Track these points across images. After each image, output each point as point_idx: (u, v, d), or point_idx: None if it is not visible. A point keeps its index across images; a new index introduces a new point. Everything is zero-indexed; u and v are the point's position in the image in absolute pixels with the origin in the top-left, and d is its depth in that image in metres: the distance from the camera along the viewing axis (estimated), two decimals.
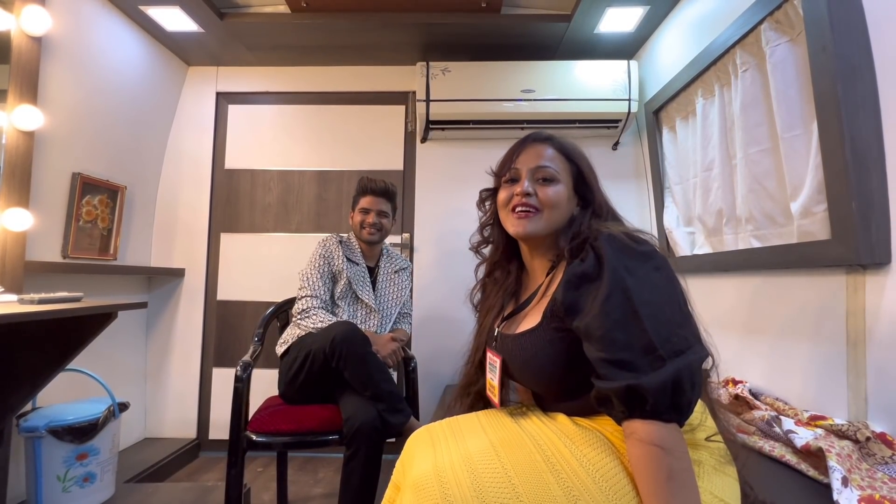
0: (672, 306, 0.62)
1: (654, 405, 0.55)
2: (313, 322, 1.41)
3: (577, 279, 0.67)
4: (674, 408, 0.56)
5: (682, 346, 0.58)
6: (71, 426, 1.33)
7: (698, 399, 0.59)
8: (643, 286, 0.61)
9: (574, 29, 1.90)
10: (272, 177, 2.25)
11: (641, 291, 0.61)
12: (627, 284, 0.61)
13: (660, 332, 0.58)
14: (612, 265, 0.64)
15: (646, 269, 0.63)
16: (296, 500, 1.70)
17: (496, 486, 0.57)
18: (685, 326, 0.61)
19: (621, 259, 0.64)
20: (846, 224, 0.98)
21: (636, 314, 0.59)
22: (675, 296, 0.63)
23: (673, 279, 0.65)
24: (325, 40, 2.04)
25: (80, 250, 1.73)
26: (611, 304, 0.61)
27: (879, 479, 0.84)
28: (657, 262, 0.65)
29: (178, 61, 2.19)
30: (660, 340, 0.58)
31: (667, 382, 0.55)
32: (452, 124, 2.07)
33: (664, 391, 0.55)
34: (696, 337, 0.62)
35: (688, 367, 0.57)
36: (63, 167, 1.65)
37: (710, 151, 1.54)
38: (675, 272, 0.66)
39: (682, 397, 0.56)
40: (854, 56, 0.98)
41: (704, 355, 0.60)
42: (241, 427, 1.27)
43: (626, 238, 0.66)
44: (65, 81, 1.61)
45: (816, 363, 1.10)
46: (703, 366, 0.61)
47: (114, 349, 1.96)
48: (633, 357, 0.58)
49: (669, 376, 0.55)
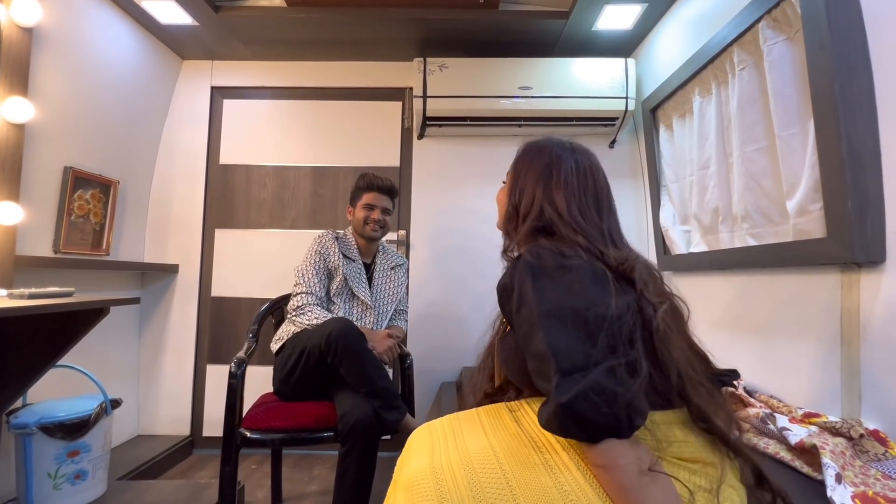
0: (577, 321, 0.58)
1: (565, 430, 0.54)
2: (308, 318, 1.40)
3: (500, 292, 0.70)
4: (583, 430, 0.53)
5: (583, 361, 0.55)
6: (62, 423, 1.31)
7: (616, 416, 0.52)
8: (547, 298, 0.60)
9: (572, 26, 1.90)
10: (267, 172, 2.23)
11: (542, 303, 0.60)
12: (531, 297, 0.61)
13: (557, 346, 0.56)
14: (520, 278, 0.64)
15: (556, 283, 0.62)
16: (290, 498, 1.70)
17: (494, 489, 0.57)
18: (591, 341, 0.57)
19: (531, 272, 0.63)
20: (842, 222, 0.98)
21: (536, 326, 0.59)
22: (586, 310, 0.58)
23: (588, 293, 0.60)
24: (321, 35, 2.03)
25: (71, 245, 1.71)
26: (520, 316, 0.62)
27: (872, 476, 0.85)
28: (572, 276, 0.62)
29: (172, 55, 2.17)
30: (557, 355, 0.56)
31: (562, 408, 0.53)
32: (449, 121, 2.06)
33: (563, 416, 0.53)
34: (611, 347, 0.57)
35: (587, 388, 0.52)
36: (54, 161, 1.62)
37: (706, 150, 1.54)
38: (608, 291, 0.61)
39: (585, 422, 0.52)
40: (851, 54, 0.98)
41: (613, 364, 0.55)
42: (235, 424, 1.26)
43: (548, 250, 0.66)
44: (56, 74, 1.59)
45: (811, 361, 1.11)
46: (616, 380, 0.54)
47: (107, 345, 1.94)
48: (542, 367, 0.58)
49: (564, 401, 0.53)
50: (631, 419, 0.53)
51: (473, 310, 2.16)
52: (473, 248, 2.17)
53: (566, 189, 0.76)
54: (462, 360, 2.11)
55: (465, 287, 2.17)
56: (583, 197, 0.76)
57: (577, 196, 0.76)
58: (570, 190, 0.76)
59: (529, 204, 0.78)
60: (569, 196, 0.76)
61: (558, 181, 0.77)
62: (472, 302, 2.15)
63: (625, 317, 0.60)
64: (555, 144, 0.82)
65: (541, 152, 0.81)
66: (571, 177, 0.77)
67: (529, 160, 0.82)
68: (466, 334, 2.13)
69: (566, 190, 0.76)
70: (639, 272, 0.67)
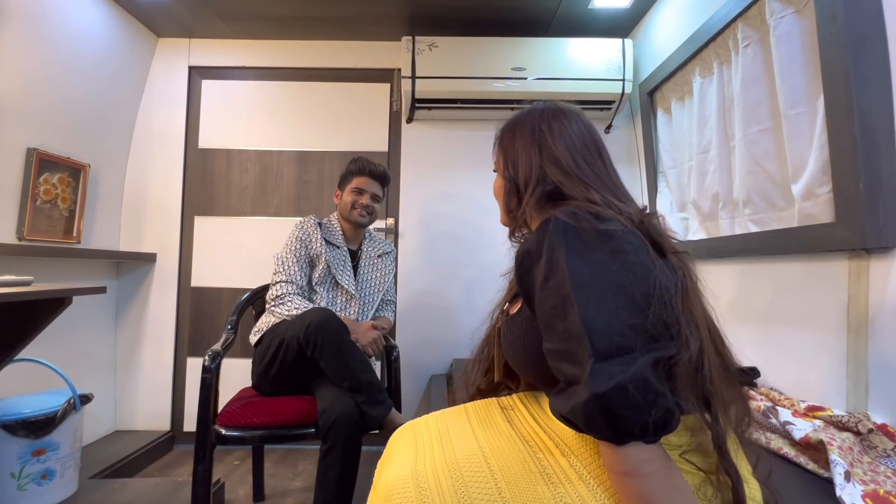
0: (620, 297, 0.49)
1: (589, 425, 0.46)
2: (288, 309, 1.32)
3: (520, 259, 0.59)
4: (612, 429, 0.45)
5: (626, 345, 0.47)
6: (26, 420, 1.24)
7: (654, 418, 0.45)
8: (584, 268, 0.51)
9: (567, 3, 1.81)
10: (249, 157, 2.13)
11: (581, 274, 0.51)
12: (564, 264, 0.51)
13: (595, 323, 0.48)
14: (551, 243, 0.54)
15: (597, 251, 0.52)
16: (274, 494, 1.64)
17: (483, 498, 0.51)
18: (636, 323, 0.49)
19: (566, 236, 0.53)
20: (852, 205, 0.92)
21: (570, 299, 0.49)
22: (631, 285, 0.50)
23: (633, 266, 0.52)
24: (304, 11, 1.92)
25: (38, 232, 1.61)
26: (548, 287, 0.53)
27: (882, 473, 0.80)
28: (616, 244, 0.53)
29: (146, 32, 2.05)
30: (594, 335, 0.47)
31: (596, 399, 0.45)
32: (439, 103, 1.98)
33: (594, 409, 0.45)
34: (653, 335, 0.49)
35: (629, 381, 0.45)
36: (15, 141, 1.52)
37: (706, 133, 1.47)
38: (649, 259, 0.53)
39: (616, 420, 0.45)
40: (865, 25, 0.92)
41: (659, 356, 0.48)
42: (209, 420, 1.19)
43: (584, 213, 0.55)
44: (18, 48, 1.48)
45: (815, 352, 1.06)
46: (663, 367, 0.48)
47: (80, 338, 1.85)
48: (572, 348, 0.49)
49: (599, 392, 0.44)
50: (666, 423, 0.46)
51: (464, 299, 2.09)
52: (464, 236, 2.11)
53: (564, 142, 0.68)
54: (452, 352, 2.05)
55: (456, 276, 2.10)
56: (584, 148, 0.69)
57: (578, 147, 0.68)
58: (569, 142, 0.68)
59: (528, 170, 0.68)
60: (570, 148, 0.68)
61: (553, 138, 0.68)
62: (463, 291, 2.09)
63: (669, 296, 0.51)
64: (533, 109, 0.74)
65: (522, 120, 0.73)
66: (566, 129, 0.70)
67: (512, 132, 0.73)
68: (457, 325, 2.07)
69: (564, 143, 0.68)
70: (666, 233, 0.60)
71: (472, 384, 0.80)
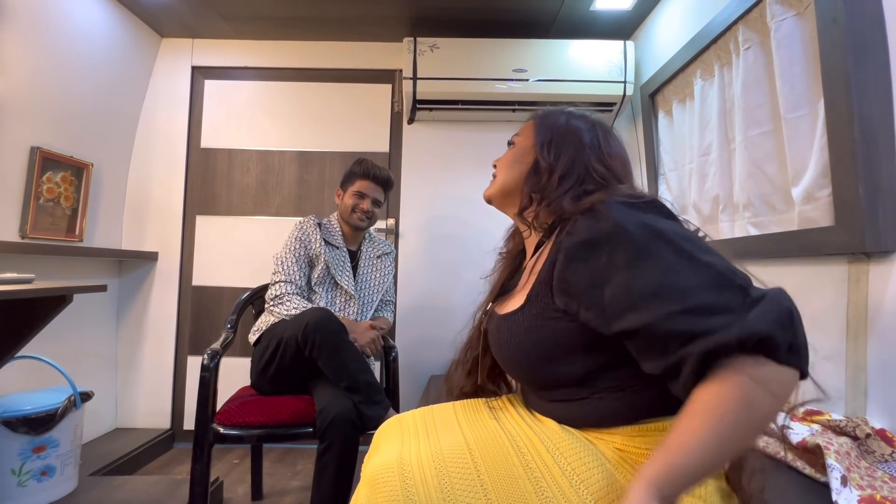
0: (721, 259, 0.50)
1: (768, 343, 0.42)
2: (287, 308, 1.33)
3: (582, 249, 0.54)
4: (792, 348, 0.43)
5: (759, 291, 0.46)
6: (26, 417, 1.24)
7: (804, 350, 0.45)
8: (674, 230, 0.50)
9: (569, 5, 1.81)
10: (251, 157, 2.14)
11: (676, 233, 0.50)
12: (659, 227, 0.50)
13: (727, 269, 0.47)
14: (626, 218, 0.51)
15: (666, 222, 0.52)
16: (272, 493, 1.64)
17: (465, 489, 0.52)
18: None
19: (634, 211, 0.53)
20: (851, 209, 0.92)
21: (687, 253, 0.48)
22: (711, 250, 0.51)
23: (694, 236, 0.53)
24: (306, 11, 1.93)
25: (40, 230, 1.62)
26: (650, 253, 0.49)
27: (879, 479, 0.80)
28: (667, 212, 0.55)
29: (150, 32, 2.06)
30: (735, 276, 0.47)
31: (782, 312, 0.43)
32: (440, 104, 1.98)
33: (781, 324, 0.42)
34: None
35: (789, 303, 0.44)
36: (19, 140, 1.53)
37: (707, 135, 1.47)
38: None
39: (798, 334, 0.43)
40: (866, 29, 0.92)
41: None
42: (207, 419, 1.20)
43: (624, 195, 0.57)
44: (22, 48, 1.49)
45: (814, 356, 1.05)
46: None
47: (82, 336, 1.86)
48: (713, 298, 0.45)
49: (777, 305, 0.43)
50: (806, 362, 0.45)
51: (464, 300, 2.09)
52: (465, 237, 2.11)
53: (617, 155, 0.71)
54: (451, 353, 2.03)
55: (456, 277, 2.10)
56: (624, 168, 0.71)
57: (620, 167, 0.71)
58: (616, 159, 0.71)
59: (570, 162, 0.67)
60: (616, 164, 0.70)
61: (607, 147, 0.71)
62: (463, 292, 2.09)
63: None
64: (585, 113, 0.76)
65: (576, 116, 0.74)
66: (614, 147, 0.72)
67: (566, 121, 0.73)
68: (456, 326, 2.04)
69: (617, 155, 0.71)
70: None
71: (455, 386, 0.80)
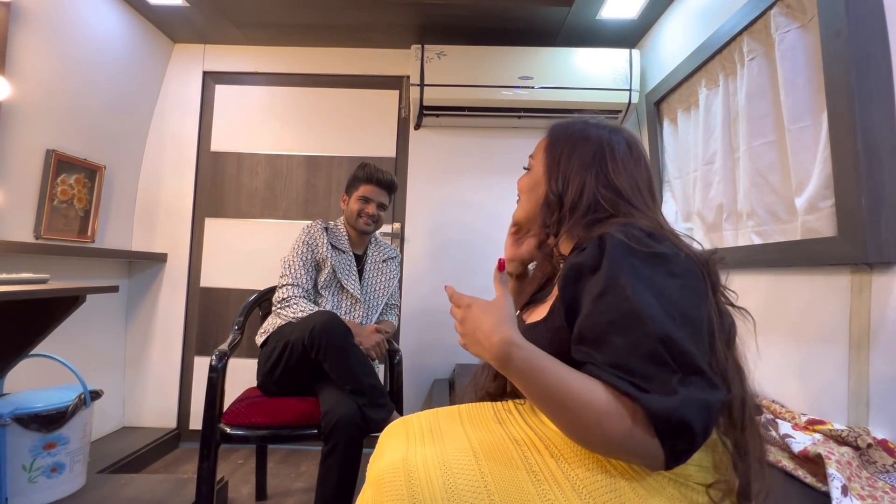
0: (688, 324, 0.50)
1: (680, 434, 0.46)
2: (293, 311, 1.35)
3: (574, 271, 0.58)
4: (680, 456, 0.46)
5: (699, 366, 0.47)
6: (38, 414, 1.27)
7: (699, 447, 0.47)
8: (647, 287, 0.51)
9: (575, 14, 1.83)
10: (259, 161, 2.17)
11: (643, 292, 0.50)
12: (626, 281, 0.51)
13: (670, 339, 0.47)
14: (612, 256, 0.54)
15: (654, 271, 0.53)
16: (276, 494, 1.66)
17: (470, 492, 0.52)
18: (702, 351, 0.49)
19: (624, 253, 0.54)
20: (854, 220, 0.93)
21: (636, 315, 0.49)
22: (693, 311, 0.51)
23: (694, 291, 0.53)
24: (316, 19, 1.96)
25: (54, 231, 1.66)
26: (605, 301, 0.52)
27: (881, 489, 0.80)
28: (673, 267, 0.53)
29: (162, 37, 2.10)
30: (670, 351, 0.47)
31: (673, 412, 0.45)
32: (447, 111, 2.00)
33: (667, 421, 0.45)
34: (716, 371, 0.50)
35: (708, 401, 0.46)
36: (35, 143, 1.57)
37: (711, 144, 1.48)
38: (705, 289, 0.55)
39: (684, 440, 0.46)
40: (869, 42, 0.93)
41: (722, 397, 0.48)
42: (214, 419, 1.22)
43: (640, 232, 0.56)
44: (37, 52, 1.53)
45: (816, 366, 1.06)
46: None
47: (92, 335, 1.89)
48: (636, 365, 0.48)
49: (678, 405, 0.45)
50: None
51: None
52: (470, 243, 2.12)
53: (626, 175, 0.67)
54: (455, 357, 2.06)
55: (461, 282, 2.12)
56: (641, 186, 0.68)
57: (636, 186, 0.68)
58: (629, 178, 0.67)
59: (579, 192, 0.66)
60: (630, 186, 0.67)
61: (615, 167, 0.67)
62: None
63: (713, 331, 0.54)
64: (600, 125, 0.73)
65: (585, 135, 0.71)
66: (629, 163, 0.68)
67: (572, 143, 0.71)
68: None
69: (626, 176, 0.67)
70: (717, 267, 0.60)
71: (480, 388, 0.82)
